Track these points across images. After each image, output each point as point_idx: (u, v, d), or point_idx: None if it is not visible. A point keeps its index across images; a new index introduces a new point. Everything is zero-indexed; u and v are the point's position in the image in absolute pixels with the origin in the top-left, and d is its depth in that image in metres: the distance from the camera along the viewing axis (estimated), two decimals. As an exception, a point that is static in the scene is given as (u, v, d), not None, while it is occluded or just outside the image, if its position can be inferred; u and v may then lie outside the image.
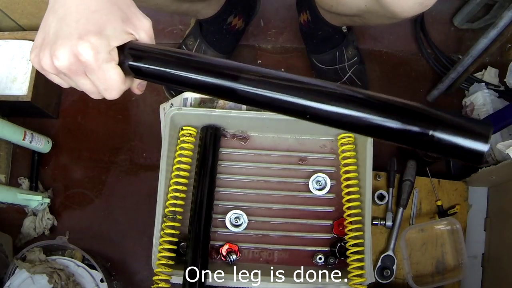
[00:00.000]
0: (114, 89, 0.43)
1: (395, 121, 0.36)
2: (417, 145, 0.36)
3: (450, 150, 0.34)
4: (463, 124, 0.35)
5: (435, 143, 0.35)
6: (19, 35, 1.05)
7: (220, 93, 0.41)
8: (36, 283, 0.91)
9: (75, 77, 0.43)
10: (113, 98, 0.44)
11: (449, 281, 0.92)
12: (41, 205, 1.02)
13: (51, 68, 0.42)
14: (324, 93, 0.38)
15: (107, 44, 0.41)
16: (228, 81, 0.39)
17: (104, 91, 0.44)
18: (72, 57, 0.40)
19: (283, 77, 0.39)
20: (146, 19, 0.45)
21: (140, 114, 1.13)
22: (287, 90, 0.38)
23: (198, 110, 0.80)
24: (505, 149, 0.82)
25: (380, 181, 0.96)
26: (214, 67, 0.41)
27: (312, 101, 0.37)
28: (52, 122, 1.12)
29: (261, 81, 0.39)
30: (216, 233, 0.80)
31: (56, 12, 0.42)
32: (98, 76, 0.42)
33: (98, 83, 0.43)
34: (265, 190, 0.82)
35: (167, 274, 0.74)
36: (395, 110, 0.37)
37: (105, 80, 0.42)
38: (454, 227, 0.93)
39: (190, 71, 0.41)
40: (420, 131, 0.35)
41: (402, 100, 0.37)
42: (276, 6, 1.17)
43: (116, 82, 0.43)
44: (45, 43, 0.42)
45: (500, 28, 0.90)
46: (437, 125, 0.35)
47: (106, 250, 1.05)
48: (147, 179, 1.08)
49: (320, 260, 0.78)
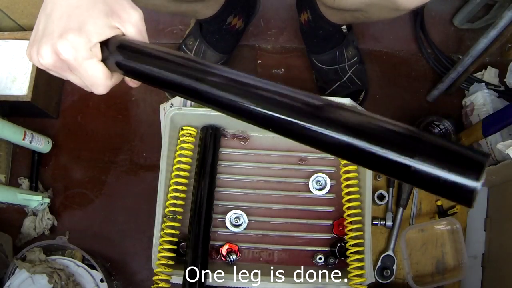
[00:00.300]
0: (99, 85, 0.43)
1: (362, 142, 0.29)
2: (390, 174, 0.30)
3: (432, 185, 0.27)
4: (449, 152, 0.27)
5: (412, 174, 0.28)
6: (19, 35, 1.05)
7: (185, 93, 0.40)
8: (36, 283, 0.91)
9: (62, 73, 0.43)
10: (101, 93, 0.44)
11: (449, 281, 0.92)
12: (41, 205, 1.02)
13: (40, 65, 0.42)
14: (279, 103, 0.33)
15: (87, 41, 0.40)
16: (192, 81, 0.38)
17: (90, 87, 0.43)
18: (54, 55, 0.41)
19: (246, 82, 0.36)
20: (135, 11, 0.44)
21: (140, 114, 1.13)
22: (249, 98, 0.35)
23: (198, 110, 0.80)
24: (505, 149, 0.82)
25: (380, 181, 0.96)
26: (182, 67, 0.39)
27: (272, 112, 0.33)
28: (52, 122, 1.12)
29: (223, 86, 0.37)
30: (216, 233, 0.80)
31: (45, 9, 0.43)
32: (81, 73, 0.42)
33: (83, 79, 0.43)
34: (265, 190, 0.82)
35: (167, 274, 0.74)
36: (362, 129, 0.30)
37: (87, 76, 0.42)
38: (454, 227, 0.93)
39: (161, 69, 0.39)
40: (392, 159, 0.28)
41: (372, 116, 0.30)
42: (276, 6, 1.17)
43: (99, 79, 0.42)
44: (35, 40, 0.43)
45: (500, 28, 0.90)
46: (415, 152, 0.28)
47: (106, 250, 1.05)
48: (147, 179, 1.08)
49: (320, 260, 0.78)
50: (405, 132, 0.29)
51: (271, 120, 0.33)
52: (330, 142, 0.30)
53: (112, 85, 0.44)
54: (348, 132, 0.30)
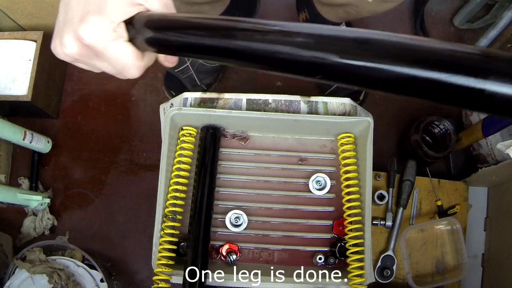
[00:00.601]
0: (130, 67, 0.40)
1: (421, 69, 0.25)
2: (461, 104, 0.26)
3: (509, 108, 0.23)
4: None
5: (487, 99, 0.24)
6: (19, 35, 1.05)
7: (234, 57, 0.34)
8: (36, 283, 0.91)
9: (91, 61, 0.40)
10: (135, 77, 0.41)
11: (449, 281, 0.92)
12: (41, 205, 1.02)
13: (65, 56, 0.40)
14: (333, 44, 0.29)
15: (110, 21, 0.37)
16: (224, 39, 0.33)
17: (122, 71, 0.40)
18: (77, 42, 0.38)
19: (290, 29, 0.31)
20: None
21: (140, 114, 1.13)
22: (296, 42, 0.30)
23: (198, 110, 0.80)
24: (505, 149, 0.82)
25: (380, 181, 0.96)
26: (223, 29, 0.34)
27: (326, 53, 0.28)
28: (52, 122, 1.12)
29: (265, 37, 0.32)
30: (216, 233, 0.80)
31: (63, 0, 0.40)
32: (108, 57, 0.39)
33: (112, 64, 0.40)
34: (265, 190, 0.82)
35: (167, 274, 0.74)
36: (421, 54, 0.26)
37: (116, 59, 0.39)
38: (454, 227, 0.93)
39: (197, 36, 0.35)
40: (461, 85, 0.24)
41: (431, 41, 0.26)
42: (276, 6, 1.17)
43: (129, 60, 0.39)
44: (57, 32, 0.40)
45: (500, 28, 0.90)
46: (488, 72, 0.23)
47: (106, 250, 1.05)
48: (147, 179, 1.08)
49: (320, 260, 0.78)
50: (473, 51, 0.25)
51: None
52: (400, 78, 0.26)
53: (145, 66, 0.41)
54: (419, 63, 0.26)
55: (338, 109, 0.82)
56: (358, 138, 0.81)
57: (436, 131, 1.00)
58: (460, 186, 0.98)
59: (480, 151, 1.04)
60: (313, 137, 0.84)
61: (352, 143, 0.81)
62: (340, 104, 0.82)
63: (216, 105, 0.84)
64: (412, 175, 0.93)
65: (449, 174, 1.06)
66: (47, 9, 1.04)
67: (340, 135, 0.82)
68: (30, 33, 1.05)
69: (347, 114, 0.82)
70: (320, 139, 0.84)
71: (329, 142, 0.84)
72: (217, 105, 0.84)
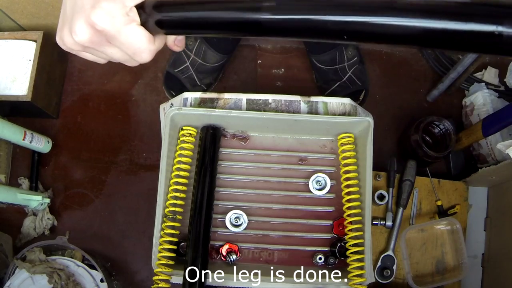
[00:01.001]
0: (142, 51, 0.40)
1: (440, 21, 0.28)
2: (481, 50, 0.28)
3: None
4: None
5: (504, 43, 0.26)
6: (19, 35, 1.05)
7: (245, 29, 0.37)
8: (36, 283, 0.91)
9: (101, 48, 0.41)
10: (146, 61, 0.42)
11: (449, 281, 0.92)
12: (41, 205, 1.02)
13: (74, 45, 0.40)
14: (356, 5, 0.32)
15: (122, 6, 0.38)
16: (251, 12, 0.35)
17: (134, 55, 0.41)
18: (89, 28, 0.38)
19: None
20: None
21: (140, 114, 1.13)
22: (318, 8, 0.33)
23: (198, 110, 0.80)
24: (505, 149, 0.82)
25: (380, 181, 0.96)
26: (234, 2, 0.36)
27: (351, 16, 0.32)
28: (52, 122, 1.12)
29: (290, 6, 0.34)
30: (216, 233, 0.80)
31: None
32: (121, 42, 0.39)
33: (125, 49, 0.40)
34: (265, 190, 0.82)
35: (167, 274, 0.74)
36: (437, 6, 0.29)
37: (129, 44, 0.39)
38: (454, 227, 0.93)
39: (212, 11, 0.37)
40: (480, 31, 0.27)
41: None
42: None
43: (142, 43, 0.39)
44: (64, 21, 0.40)
45: None
46: (502, 17, 0.26)
47: (106, 250, 1.05)
48: (147, 179, 1.08)
49: (320, 260, 0.78)
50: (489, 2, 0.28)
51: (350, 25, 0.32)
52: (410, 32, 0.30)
53: (156, 50, 0.42)
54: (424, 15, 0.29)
55: (338, 109, 0.82)
56: (358, 138, 0.81)
57: (436, 131, 1.00)
58: (460, 186, 0.98)
59: (480, 151, 1.04)
60: (313, 137, 0.84)
61: (352, 143, 0.81)
62: (340, 104, 0.82)
63: (216, 105, 0.84)
64: (412, 175, 0.93)
65: (449, 174, 1.06)
66: (47, 9, 1.04)
67: (340, 135, 0.82)
68: (30, 33, 1.05)
69: (347, 114, 0.82)
70: (320, 139, 0.84)
71: (329, 142, 0.84)
72: (217, 105, 0.84)
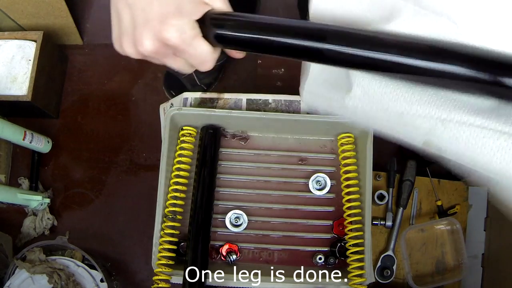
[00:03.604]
0: (208, 61, 0.43)
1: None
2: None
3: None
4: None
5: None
6: (19, 35, 1.05)
7: (307, 56, 0.40)
8: (36, 283, 0.91)
9: (163, 59, 0.43)
10: (209, 69, 0.45)
11: (449, 281, 0.92)
12: (41, 205, 1.02)
13: (137, 55, 0.42)
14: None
15: (190, 21, 0.40)
16: (314, 42, 0.38)
17: (199, 65, 0.44)
18: (158, 43, 0.40)
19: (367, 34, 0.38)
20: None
21: (140, 114, 1.13)
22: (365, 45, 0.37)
23: (198, 110, 0.80)
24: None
25: (380, 181, 0.96)
26: (297, 29, 0.40)
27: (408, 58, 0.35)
28: (52, 122, 1.12)
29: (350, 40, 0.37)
30: (216, 233, 0.80)
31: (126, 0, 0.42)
32: (189, 54, 0.42)
33: (191, 60, 0.43)
34: (265, 190, 0.82)
35: (167, 274, 0.74)
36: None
37: (197, 55, 0.42)
38: (454, 227, 0.93)
39: (273, 35, 0.40)
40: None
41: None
42: (276, 6, 1.17)
43: (208, 53, 0.42)
44: (123, 32, 0.42)
45: (500, 28, 0.90)
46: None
47: (106, 250, 1.05)
48: (147, 179, 1.08)
49: (320, 260, 0.78)
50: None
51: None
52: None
53: (217, 58, 0.45)
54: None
55: (338, 109, 0.82)
56: (358, 138, 0.81)
57: (436, 131, 1.00)
58: (460, 186, 0.98)
59: (480, 151, 1.03)
60: (313, 137, 0.84)
61: (352, 143, 0.81)
62: (340, 104, 0.82)
63: (216, 105, 0.84)
64: (412, 175, 0.93)
65: (449, 174, 1.06)
66: (47, 9, 1.04)
67: (340, 135, 0.82)
68: (30, 33, 1.05)
69: (347, 114, 0.82)
70: (320, 139, 0.84)
71: (329, 142, 0.84)
72: (217, 105, 0.84)
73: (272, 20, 0.41)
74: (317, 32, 0.39)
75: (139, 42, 0.40)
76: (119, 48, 0.43)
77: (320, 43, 0.38)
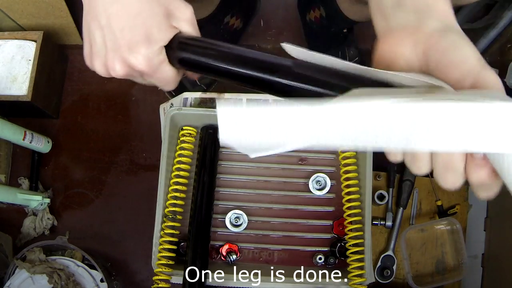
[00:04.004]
0: (171, 83, 0.46)
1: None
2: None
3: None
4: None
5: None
6: (19, 35, 1.05)
7: (259, 86, 0.42)
8: (36, 283, 0.91)
9: (133, 79, 0.46)
10: (171, 89, 0.48)
11: (449, 281, 0.92)
12: (41, 205, 1.02)
13: (108, 75, 0.44)
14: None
15: (157, 49, 0.42)
16: (266, 74, 0.40)
17: (163, 86, 0.46)
18: (127, 68, 0.42)
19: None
20: (187, 8, 0.45)
21: (140, 114, 1.13)
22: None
23: (198, 110, 0.80)
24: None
25: (380, 181, 0.96)
26: (252, 61, 0.41)
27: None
28: (52, 122, 1.12)
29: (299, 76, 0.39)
30: (216, 233, 0.80)
31: (97, 19, 0.41)
32: (155, 78, 0.44)
33: (157, 82, 0.45)
34: (265, 190, 0.82)
35: (167, 274, 0.74)
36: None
37: (161, 79, 0.44)
38: (454, 227, 0.93)
39: (229, 64, 0.42)
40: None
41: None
42: (276, 6, 1.17)
43: (171, 77, 0.45)
44: (94, 53, 0.43)
45: (500, 28, 0.90)
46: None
47: (106, 250, 1.05)
48: (147, 179, 1.08)
49: (320, 260, 0.78)
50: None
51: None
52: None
53: (179, 79, 0.48)
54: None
55: (338, 109, 0.82)
56: (358, 138, 0.81)
57: (436, 131, 1.00)
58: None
59: (480, 151, 1.03)
60: (313, 137, 0.84)
61: (352, 143, 0.81)
62: (340, 104, 0.82)
63: (216, 105, 0.84)
64: (412, 175, 0.93)
65: (449, 174, 1.06)
66: (47, 9, 1.04)
67: (340, 135, 0.82)
68: (30, 33, 1.05)
69: (347, 114, 0.82)
70: (320, 139, 0.84)
71: (329, 142, 0.84)
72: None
73: (228, 49, 0.43)
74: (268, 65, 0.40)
75: (111, 67, 0.42)
76: (89, 64, 0.45)
77: (270, 76, 0.39)
